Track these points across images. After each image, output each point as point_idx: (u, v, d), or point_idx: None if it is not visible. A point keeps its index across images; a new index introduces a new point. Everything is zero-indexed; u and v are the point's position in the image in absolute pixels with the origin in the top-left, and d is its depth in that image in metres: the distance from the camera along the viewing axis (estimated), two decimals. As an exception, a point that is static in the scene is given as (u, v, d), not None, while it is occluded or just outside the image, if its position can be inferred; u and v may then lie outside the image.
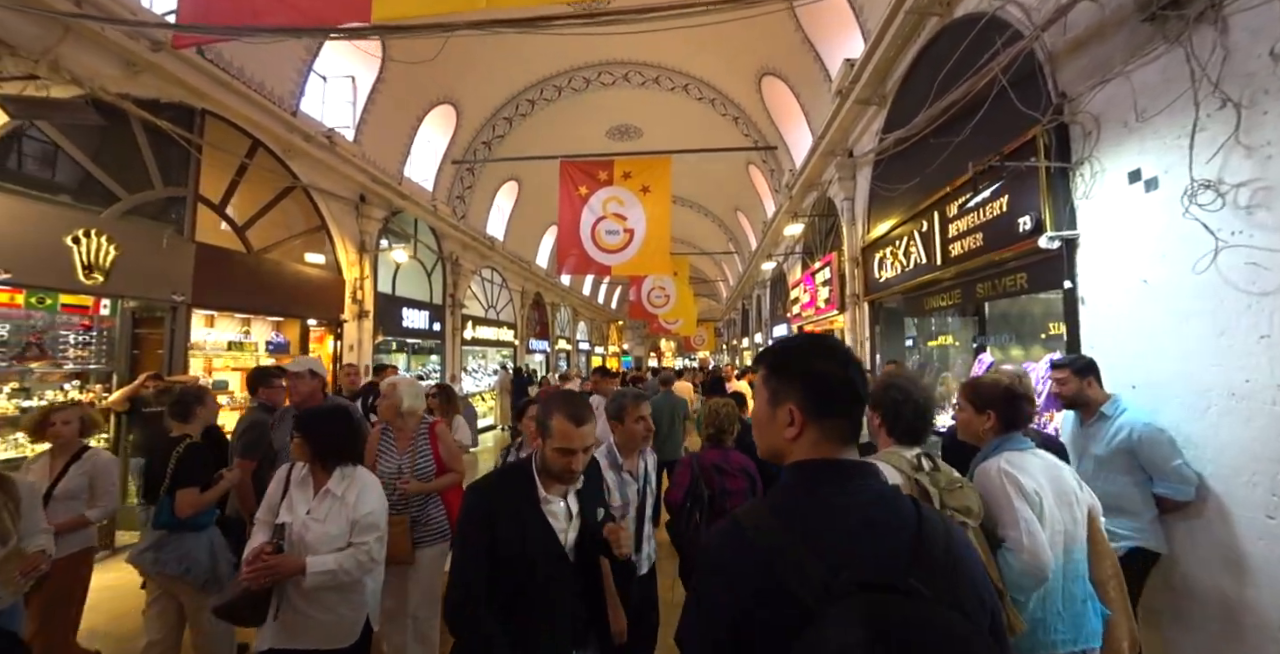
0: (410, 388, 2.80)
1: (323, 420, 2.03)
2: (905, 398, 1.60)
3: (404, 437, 2.76)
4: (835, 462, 0.85)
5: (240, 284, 6.13)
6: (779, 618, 0.71)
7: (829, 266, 7.22)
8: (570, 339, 22.92)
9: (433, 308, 10.89)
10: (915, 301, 4.97)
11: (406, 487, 2.59)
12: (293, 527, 1.90)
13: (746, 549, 0.78)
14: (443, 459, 2.77)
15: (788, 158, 10.00)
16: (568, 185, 9.78)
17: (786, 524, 0.78)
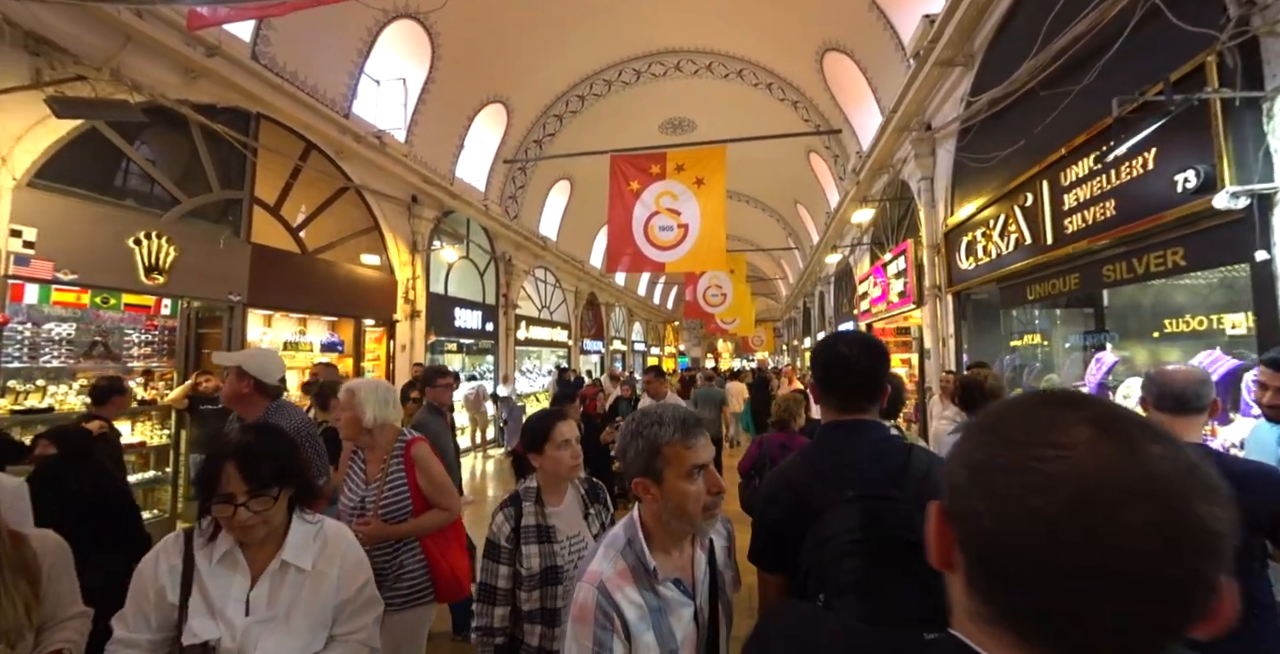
0: (374, 392, 2.10)
1: (261, 442, 1.26)
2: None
3: (375, 459, 2.10)
4: (838, 422, 1.24)
5: (295, 284, 6.22)
6: (802, 522, 1.10)
7: (903, 256, 6.47)
8: (625, 339, 22.72)
9: (485, 308, 10.90)
10: (1014, 291, 4.23)
11: (364, 529, 1.91)
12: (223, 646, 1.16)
13: (781, 483, 1.23)
14: (424, 492, 2.07)
15: (853, 141, 9.21)
16: (618, 181, 9.50)
17: (806, 464, 1.24)
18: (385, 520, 1.98)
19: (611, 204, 9.53)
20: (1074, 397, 0.46)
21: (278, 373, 2.28)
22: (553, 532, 1.68)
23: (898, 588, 0.94)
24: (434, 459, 2.12)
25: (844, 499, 1.06)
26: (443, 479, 2.12)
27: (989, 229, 4.41)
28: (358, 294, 7.22)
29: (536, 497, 1.71)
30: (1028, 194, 3.76)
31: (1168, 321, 3.58)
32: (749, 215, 19.14)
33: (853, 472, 1.13)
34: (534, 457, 1.75)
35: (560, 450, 1.72)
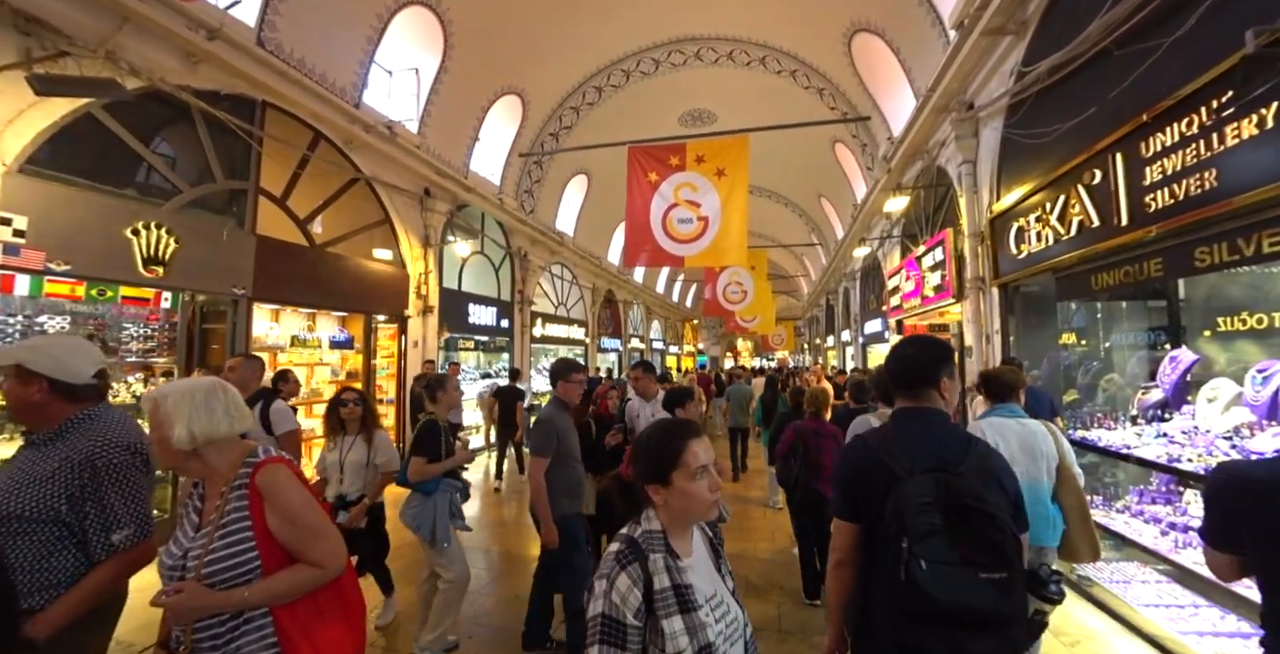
0: (188, 400, 1.35)
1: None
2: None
3: (214, 493, 1.40)
4: (907, 408, 1.54)
5: (302, 278, 6.04)
6: (882, 481, 1.38)
7: (940, 247, 6.01)
8: (644, 338, 22.41)
9: (500, 304, 10.69)
10: (1073, 281, 3.79)
11: (168, 600, 1.27)
12: None
13: (865, 448, 1.52)
14: (280, 539, 1.37)
15: (884, 128, 8.74)
16: (636, 173, 9.19)
17: (888, 440, 1.49)
18: (212, 584, 1.30)
19: (629, 197, 9.24)
20: None
21: (86, 367, 1.62)
22: (692, 594, 1.16)
23: (961, 538, 1.24)
24: (295, 488, 1.41)
25: (922, 470, 1.34)
26: (311, 519, 1.40)
27: (1044, 213, 3.97)
28: (368, 289, 7.03)
29: (665, 545, 1.20)
30: (1095, 170, 3.33)
31: (1259, 316, 3.13)
32: (770, 210, 18.65)
33: (925, 449, 1.41)
34: (654, 489, 1.24)
35: (696, 482, 1.21)
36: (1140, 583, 3.44)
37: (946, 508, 1.26)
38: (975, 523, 1.24)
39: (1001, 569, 1.22)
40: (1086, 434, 3.80)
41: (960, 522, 1.25)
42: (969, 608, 1.20)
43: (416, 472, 2.87)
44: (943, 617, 1.22)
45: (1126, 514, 3.57)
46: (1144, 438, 3.40)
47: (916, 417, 1.49)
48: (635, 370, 4.08)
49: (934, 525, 1.25)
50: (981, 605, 1.20)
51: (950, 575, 1.21)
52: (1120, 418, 3.81)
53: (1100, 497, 3.87)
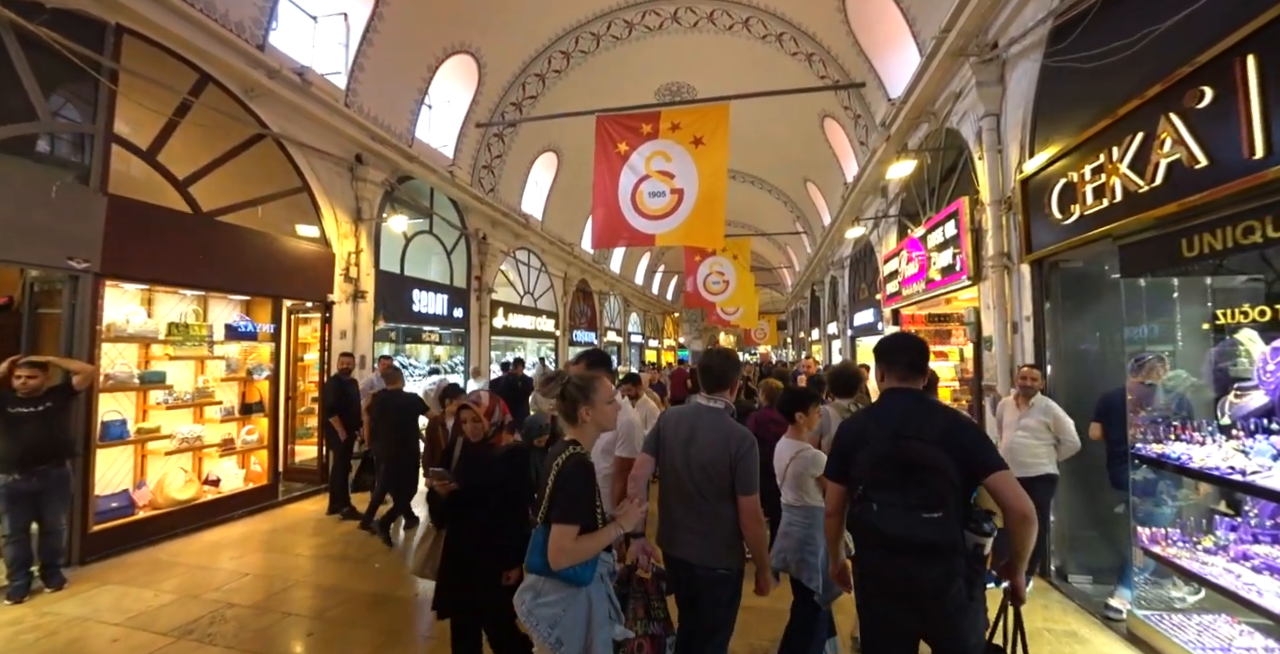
0: None
1: None
2: (846, 373, 3.57)
3: None
4: (894, 388, 1.86)
5: (183, 253, 4.88)
6: (860, 447, 1.75)
7: (952, 220, 5.11)
8: (621, 331, 21.40)
9: (453, 291, 9.57)
10: (1154, 249, 2.89)
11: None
12: None
13: (855, 420, 1.91)
14: None
15: (880, 96, 7.82)
16: (604, 143, 8.18)
17: (866, 414, 1.89)
18: None
19: (597, 171, 8.24)
20: None
21: None
22: None
23: (908, 489, 1.62)
24: None
25: (885, 435, 1.71)
26: None
27: (1109, 161, 3.05)
28: (280, 268, 5.88)
29: None
30: (1205, 89, 2.41)
31: None
32: (753, 197, 17.74)
33: (894, 419, 1.75)
34: None
35: None
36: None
37: (900, 463, 1.65)
38: (919, 475, 1.61)
39: (937, 509, 1.57)
40: (1165, 449, 2.91)
41: (909, 474, 1.62)
42: (908, 539, 1.57)
43: (567, 551, 1.66)
44: (892, 547, 1.60)
45: (1222, 556, 2.69)
46: (1255, 457, 2.51)
47: (901, 396, 1.83)
48: (578, 364, 3.04)
49: (886, 477, 1.66)
50: (923, 537, 1.56)
51: (897, 515, 1.60)
52: (1207, 428, 2.92)
53: (1176, 530, 3.00)
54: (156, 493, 4.84)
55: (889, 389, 1.85)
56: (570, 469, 1.71)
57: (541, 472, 1.85)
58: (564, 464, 1.72)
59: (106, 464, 4.63)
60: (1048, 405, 3.71)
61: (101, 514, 4.37)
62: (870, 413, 1.85)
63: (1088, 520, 3.89)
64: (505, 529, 2.20)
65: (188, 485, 5.02)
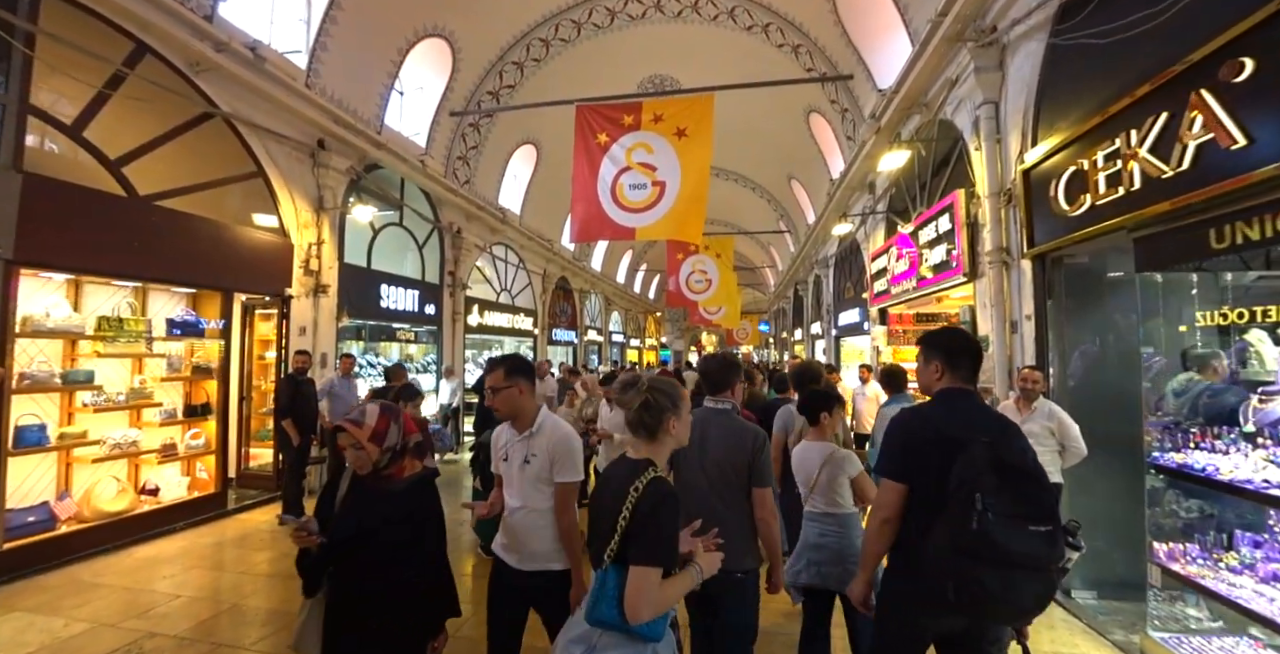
0: None
1: None
2: (814, 373, 3.51)
3: None
4: (957, 389, 1.75)
5: (114, 239, 4.40)
6: (943, 448, 1.54)
7: (947, 214, 4.90)
8: (602, 330, 21.04)
9: (425, 287, 9.13)
10: (1175, 241, 2.67)
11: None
12: None
13: (922, 419, 1.72)
14: None
15: (868, 89, 7.62)
16: (584, 134, 7.87)
17: (942, 412, 1.70)
18: None
19: (576, 162, 7.92)
20: None
21: None
22: None
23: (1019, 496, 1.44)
24: None
25: (981, 439, 1.52)
26: None
27: (1126, 146, 2.83)
28: (230, 259, 5.41)
29: None
30: (1245, 61, 2.18)
31: None
32: (737, 195, 17.55)
33: (977, 422, 1.64)
34: None
35: None
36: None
37: (999, 469, 1.46)
38: (1023, 483, 1.46)
39: (1047, 522, 1.43)
40: (1186, 459, 2.69)
41: (1011, 481, 1.45)
42: (1027, 554, 1.40)
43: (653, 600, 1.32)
44: (1002, 560, 1.40)
45: (1250, 576, 2.48)
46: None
47: (966, 396, 1.73)
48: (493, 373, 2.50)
49: (995, 485, 1.44)
50: (1037, 552, 1.41)
51: (1009, 525, 1.41)
52: (1229, 436, 2.71)
53: (1195, 545, 2.79)
54: (83, 504, 4.37)
55: (958, 389, 1.73)
56: (655, 498, 1.37)
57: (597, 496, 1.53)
58: (645, 492, 1.38)
59: (22, 474, 4.15)
60: (1051, 409, 3.50)
61: (14, 530, 3.89)
62: (947, 413, 1.67)
63: (1090, 530, 3.68)
64: (412, 587, 1.63)
65: (120, 496, 4.54)
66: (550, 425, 1.99)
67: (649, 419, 1.50)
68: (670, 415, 1.51)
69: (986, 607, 1.43)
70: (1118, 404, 3.59)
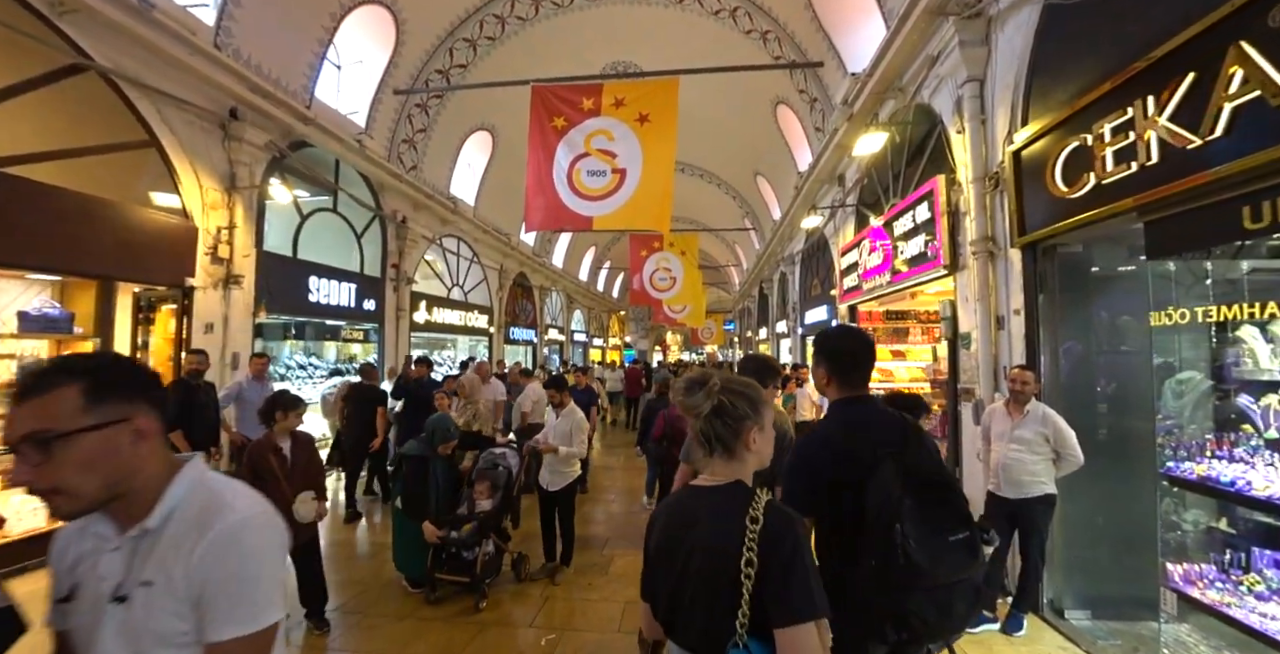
0: None
1: None
2: (769, 367, 2.54)
3: None
4: (852, 397, 1.63)
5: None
6: (853, 470, 1.42)
7: (926, 202, 4.57)
8: (564, 328, 20.38)
9: (364, 280, 8.33)
10: (1199, 221, 2.33)
11: None
12: None
13: (821, 442, 1.58)
14: None
15: (840, 76, 7.31)
16: (540, 116, 7.31)
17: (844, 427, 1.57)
18: None
19: (531, 146, 7.37)
20: None
21: None
22: None
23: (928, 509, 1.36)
24: None
25: (886, 455, 1.41)
26: None
27: (1144, 115, 2.48)
28: (110, 242, 4.58)
29: None
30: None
31: None
32: (701, 192, 17.21)
33: (875, 435, 1.51)
34: None
35: None
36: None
37: (912, 487, 1.37)
38: (936, 493, 1.39)
39: (963, 528, 1.38)
40: (1208, 471, 2.36)
41: (925, 494, 1.37)
42: (953, 569, 1.34)
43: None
44: (931, 584, 1.33)
45: (1276, 603, 2.15)
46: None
47: (861, 405, 1.61)
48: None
49: (910, 505, 1.34)
50: (961, 564, 1.35)
51: (929, 546, 1.31)
52: (1249, 444, 2.40)
53: (1211, 566, 2.47)
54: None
55: (851, 398, 1.62)
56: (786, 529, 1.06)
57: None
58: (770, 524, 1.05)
59: None
60: (1045, 414, 3.16)
61: None
62: (845, 429, 1.56)
63: (1082, 541, 3.38)
64: None
65: None
66: (206, 507, 0.88)
67: (723, 430, 1.16)
68: (751, 425, 1.17)
69: (928, 636, 1.37)
70: (1115, 406, 3.30)
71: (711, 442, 1.16)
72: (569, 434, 3.81)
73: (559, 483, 3.84)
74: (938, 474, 1.44)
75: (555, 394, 3.94)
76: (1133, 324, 3.23)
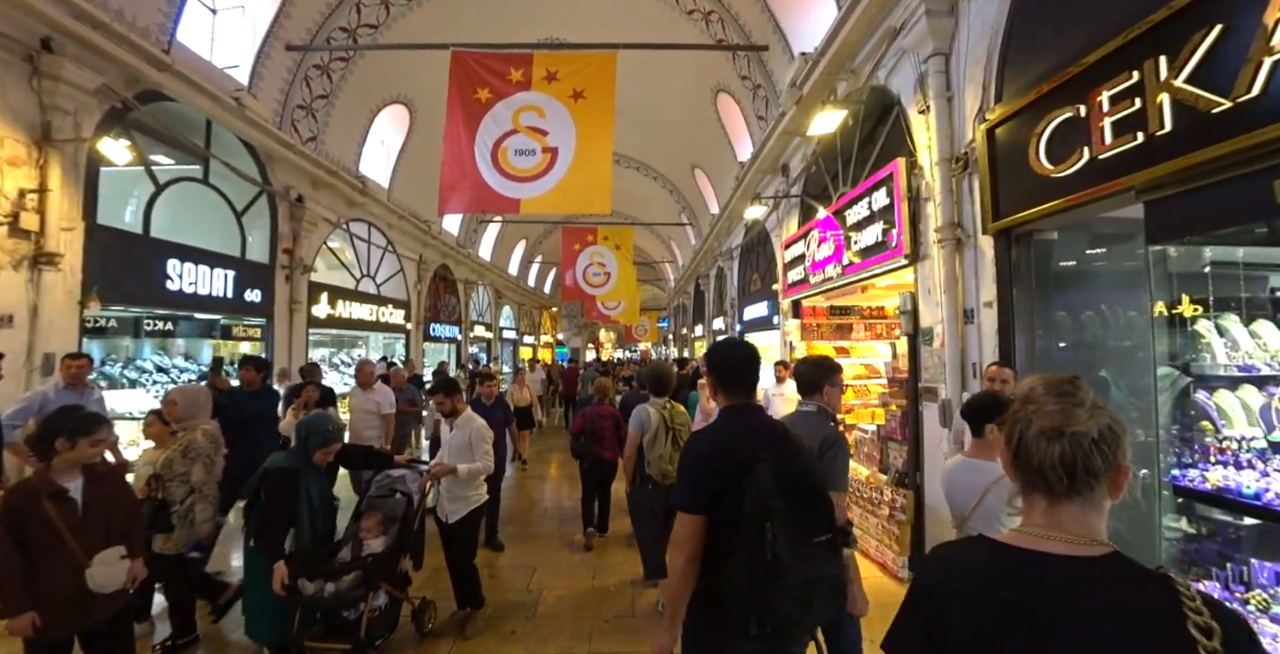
0: None
1: None
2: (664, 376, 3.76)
3: None
4: (738, 405, 1.74)
5: None
6: (731, 468, 1.52)
7: (884, 187, 4.25)
8: (492, 326, 19.20)
9: (246, 267, 7.07)
10: (1220, 199, 2.04)
11: None
12: None
13: (714, 443, 1.64)
14: None
15: (785, 61, 7.00)
16: (462, 86, 6.54)
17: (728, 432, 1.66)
18: None
19: (449, 118, 6.57)
20: None
21: None
22: None
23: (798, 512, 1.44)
24: None
25: (765, 458, 1.51)
26: None
27: (1156, 78, 2.17)
28: None
29: None
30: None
31: None
32: (637, 185, 16.72)
33: (757, 439, 1.61)
34: None
35: None
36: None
37: (785, 491, 1.44)
38: (807, 497, 1.47)
39: (827, 531, 1.48)
40: (1224, 480, 2.08)
41: (797, 499, 1.45)
42: (815, 568, 1.43)
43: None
44: (794, 582, 1.41)
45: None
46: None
47: (746, 412, 1.73)
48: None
49: (781, 506, 1.42)
50: (823, 563, 1.46)
51: (795, 545, 1.40)
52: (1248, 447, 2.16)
53: (1214, 583, 2.21)
54: None
55: (738, 405, 1.74)
56: (1253, 646, 0.68)
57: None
58: (1233, 637, 0.64)
59: None
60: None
61: None
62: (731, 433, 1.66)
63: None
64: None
65: None
66: None
67: (1102, 465, 0.76)
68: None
69: (791, 630, 1.45)
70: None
71: (1076, 477, 0.76)
72: (467, 447, 3.11)
73: (459, 511, 3.12)
74: (809, 480, 1.52)
75: (444, 400, 3.19)
76: (1115, 317, 3.00)
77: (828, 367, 2.26)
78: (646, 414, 3.54)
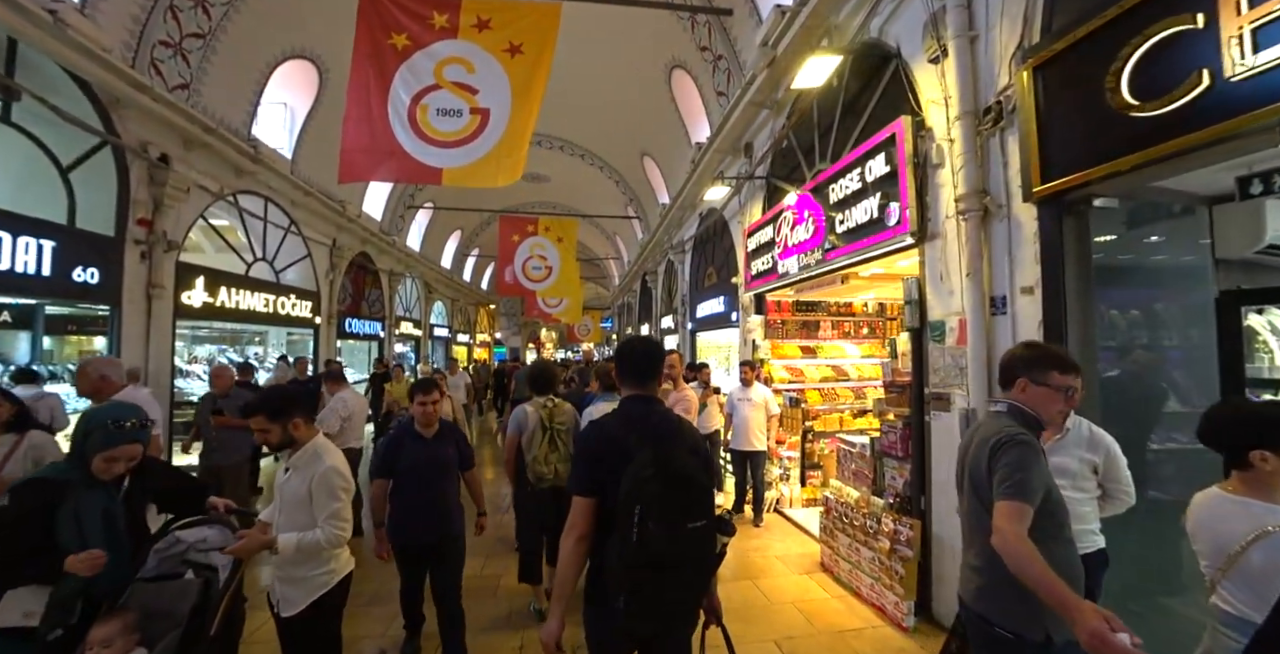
0: None
1: None
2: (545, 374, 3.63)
3: None
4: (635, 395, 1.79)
5: None
6: (618, 454, 1.58)
7: (882, 154, 3.54)
8: (421, 322, 17.57)
9: (76, 238, 5.52)
10: None
11: None
12: None
13: (599, 429, 1.73)
14: None
15: (752, 24, 6.27)
16: (371, 28, 5.39)
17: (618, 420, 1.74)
18: None
19: (356, 64, 5.41)
20: None
21: None
22: None
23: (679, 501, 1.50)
24: None
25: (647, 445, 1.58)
26: None
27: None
28: None
29: None
30: None
31: None
32: (581, 175, 15.72)
33: (643, 428, 1.67)
34: None
35: None
36: None
37: (663, 477, 1.50)
38: (685, 485, 1.53)
39: (702, 518, 1.54)
40: None
41: (674, 484, 1.51)
42: (684, 553, 1.50)
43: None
44: (661, 563, 1.48)
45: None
46: None
47: (642, 402, 1.78)
48: None
49: (656, 492, 1.49)
50: (691, 551, 1.52)
51: (668, 530, 1.47)
52: None
53: None
54: None
55: (636, 396, 1.80)
56: None
57: None
58: None
59: None
60: (1093, 434, 2.20)
61: None
62: (622, 421, 1.73)
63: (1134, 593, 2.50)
64: None
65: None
66: None
67: None
68: None
69: (660, 609, 1.50)
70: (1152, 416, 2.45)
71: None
72: (304, 502, 2.01)
73: (298, 600, 2.01)
74: (688, 468, 1.55)
75: (268, 427, 1.99)
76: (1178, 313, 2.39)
77: (1023, 359, 1.73)
78: (524, 414, 3.40)
